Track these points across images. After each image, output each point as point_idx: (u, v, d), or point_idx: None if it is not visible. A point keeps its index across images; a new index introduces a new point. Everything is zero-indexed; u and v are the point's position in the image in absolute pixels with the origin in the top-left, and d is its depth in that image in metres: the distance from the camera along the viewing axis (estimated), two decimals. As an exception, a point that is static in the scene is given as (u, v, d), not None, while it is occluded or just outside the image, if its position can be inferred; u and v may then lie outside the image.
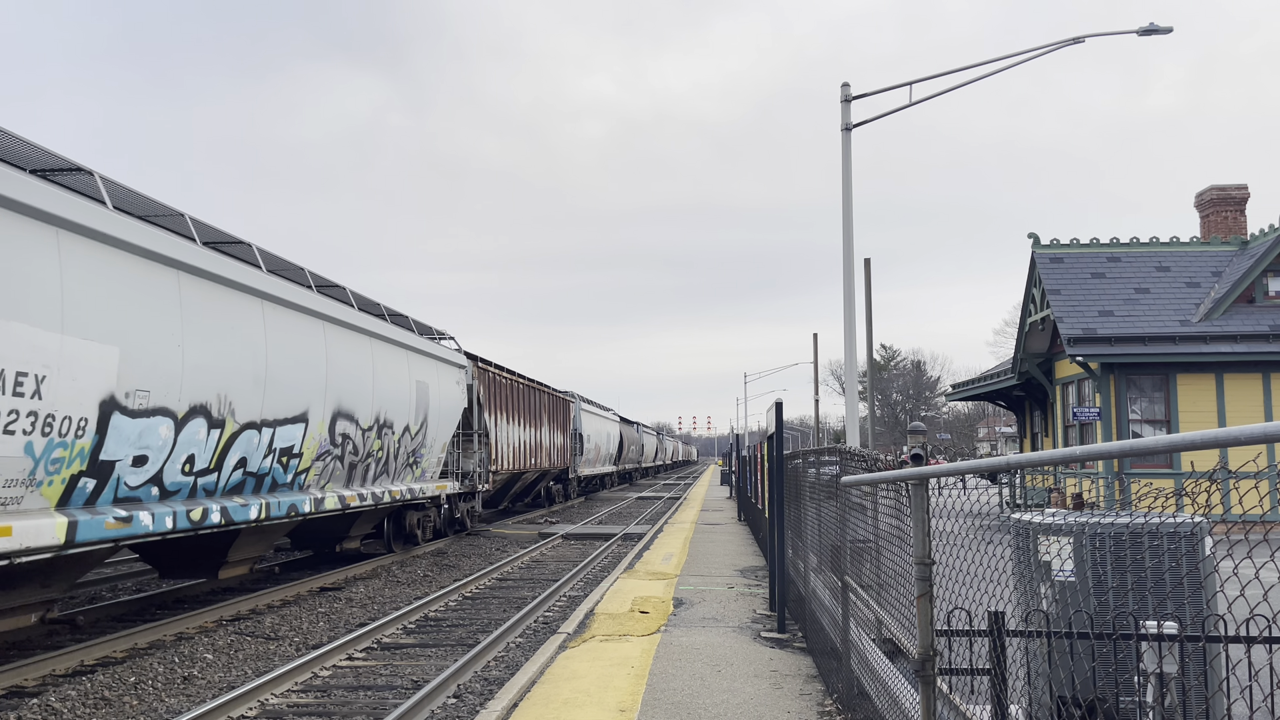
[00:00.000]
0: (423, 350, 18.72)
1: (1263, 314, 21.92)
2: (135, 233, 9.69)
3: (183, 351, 10.45)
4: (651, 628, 10.44)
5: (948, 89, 16.27)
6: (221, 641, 10.84)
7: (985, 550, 4.24)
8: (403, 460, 17.80)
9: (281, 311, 12.82)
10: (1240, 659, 3.09)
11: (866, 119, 16.37)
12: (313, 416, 13.72)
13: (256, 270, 12.42)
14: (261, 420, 12.27)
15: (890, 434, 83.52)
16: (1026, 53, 15.86)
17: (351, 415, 15.13)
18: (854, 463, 6.30)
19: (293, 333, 13.12)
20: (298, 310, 13.32)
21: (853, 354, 16.39)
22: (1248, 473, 2.50)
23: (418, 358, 18.37)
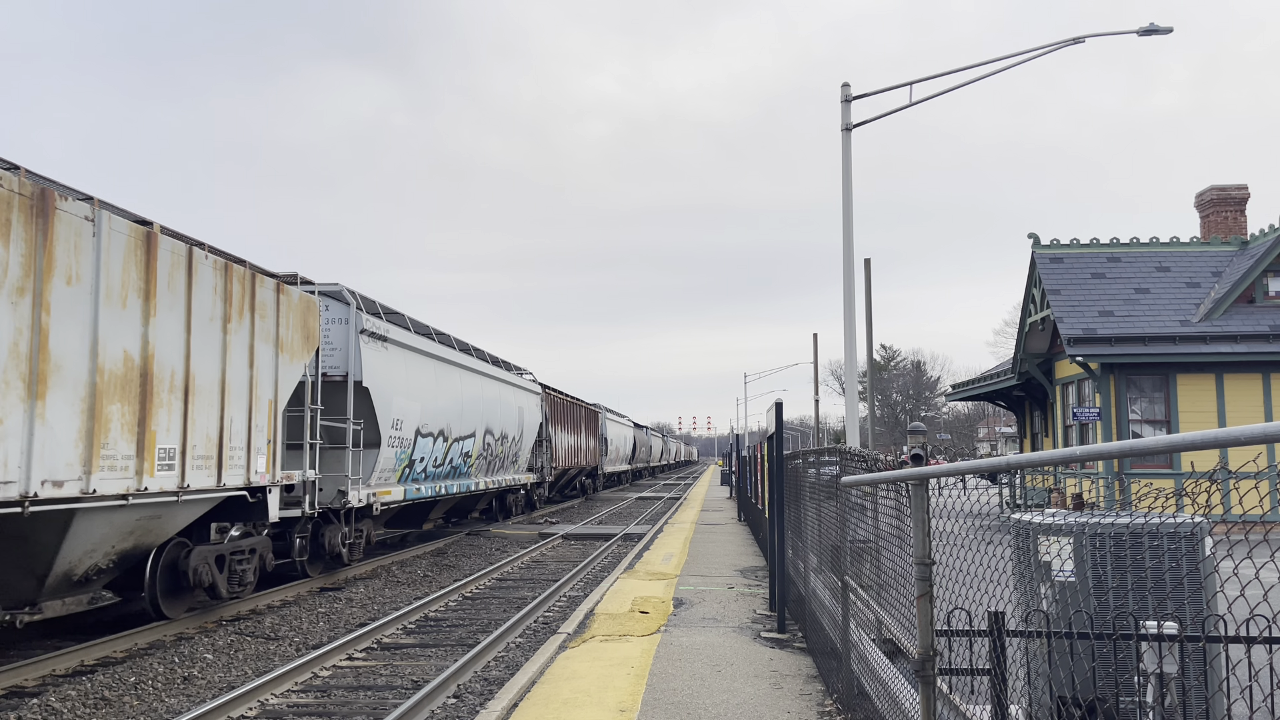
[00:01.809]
0: (518, 385, 27.37)
1: (1263, 314, 21.92)
2: (420, 343, 18.63)
3: (436, 402, 19.28)
4: (651, 628, 10.44)
5: (948, 89, 16.27)
6: (221, 641, 10.84)
7: (985, 550, 4.24)
8: (509, 459, 26.38)
9: (466, 373, 21.86)
10: (1240, 659, 3.09)
11: (867, 119, 16.37)
12: (477, 433, 22.63)
13: (452, 349, 21.23)
14: (458, 437, 21.02)
15: (890, 434, 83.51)
16: (1027, 53, 15.87)
17: (491, 431, 23.81)
18: (854, 463, 6.30)
19: (470, 385, 22.06)
20: (471, 371, 22.23)
21: (853, 354, 16.39)
22: (1248, 473, 2.50)
23: (517, 390, 27.13)
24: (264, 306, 12.30)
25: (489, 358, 24.90)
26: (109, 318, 9.33)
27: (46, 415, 8.47)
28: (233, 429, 11.55)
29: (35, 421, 8.31)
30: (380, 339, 16.40)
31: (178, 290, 10.48)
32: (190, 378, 10.66)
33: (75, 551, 9.38)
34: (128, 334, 9.63)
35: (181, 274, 10.56)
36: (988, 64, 15.91)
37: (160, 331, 10.12)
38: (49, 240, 8.51)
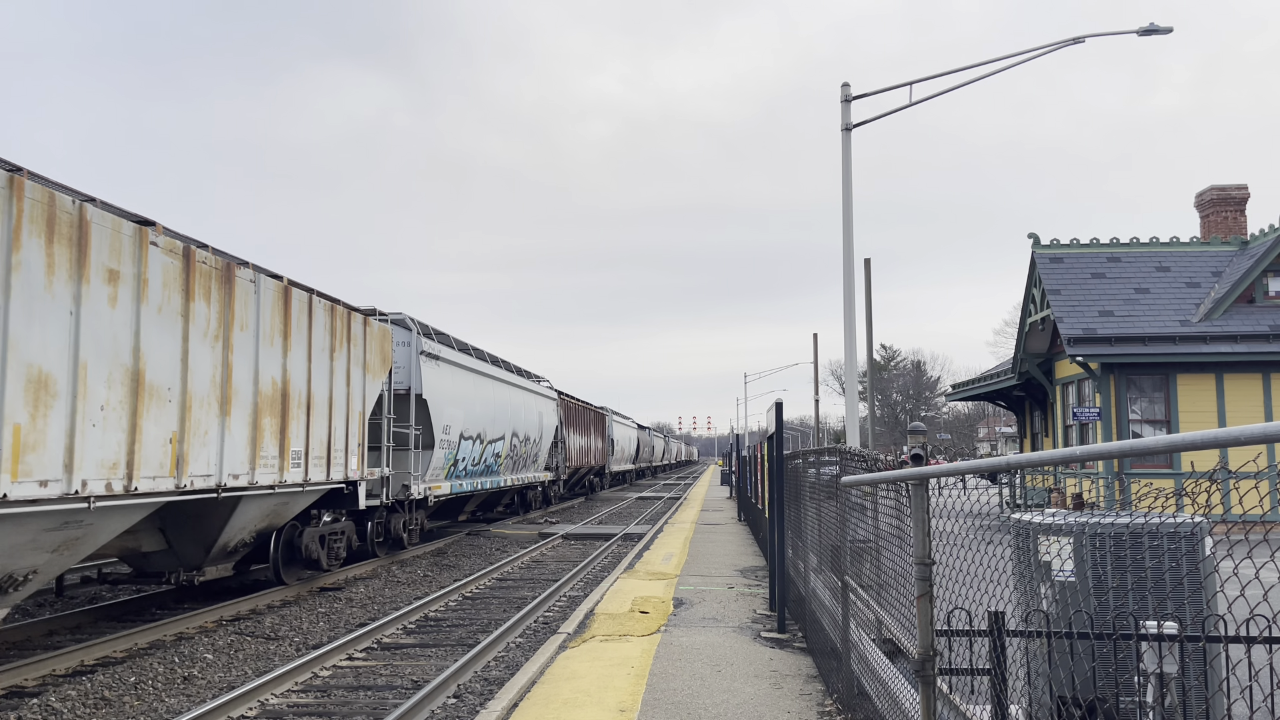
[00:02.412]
0: (538, 392, 30.30)
1: (1263, 314, 21.92)
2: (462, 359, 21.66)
3: (474, 409, 22.33)
4: (651, 628, 10.44)
5: (948, 89, 16.27)
6: (221, 641, 10.84)
7: (985, 550, 4.24)
8: (530, 459, 29.21)
9: (497, 384, 24.83)
10: (1240, 659, 3.09)
11: (866, 119, 16.37)
12: (506, 436, 25.70)
13: (486, 363, 24.27)
14: (490, 439, 23.98)
15: (890, 434, 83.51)
16: (1027, 53, 15.87)
17: (516, 434, 26.74)
18: (854, 463, 6.30)
19: (500, 393, 25.01)
20: (500, 381, 25.22)
21: (853, 354, 16.39)
22: (1248, 473, 2.50)
23: (537, 397, 29.98)
24: (355, 337, 15.06)
25: (514, 368, 27.98)
26: (264, 354, 12.10)
27: (231, 427, 11.27)
28: (335, 435, 14.26)
29: (225, 432, 11.14)
30: (434, 358, 19.61)
31: (302, 329, 13.20)
32: (310, 396, 13.39)
33: (234, 528, 12.22)
34: (274, 365, 12.36)
35: (304, 316, 13.27)
36: (988, 64, 15.92)
37: (293, 362, 12.88)
38: (231, 299, 11.36)
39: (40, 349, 8.26)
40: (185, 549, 12.01)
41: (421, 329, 19.47)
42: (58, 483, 8.43)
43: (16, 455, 7.93)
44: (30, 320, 8.16)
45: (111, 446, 9.16)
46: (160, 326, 9.96)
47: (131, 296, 9.52)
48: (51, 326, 8.40)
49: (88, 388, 8.82)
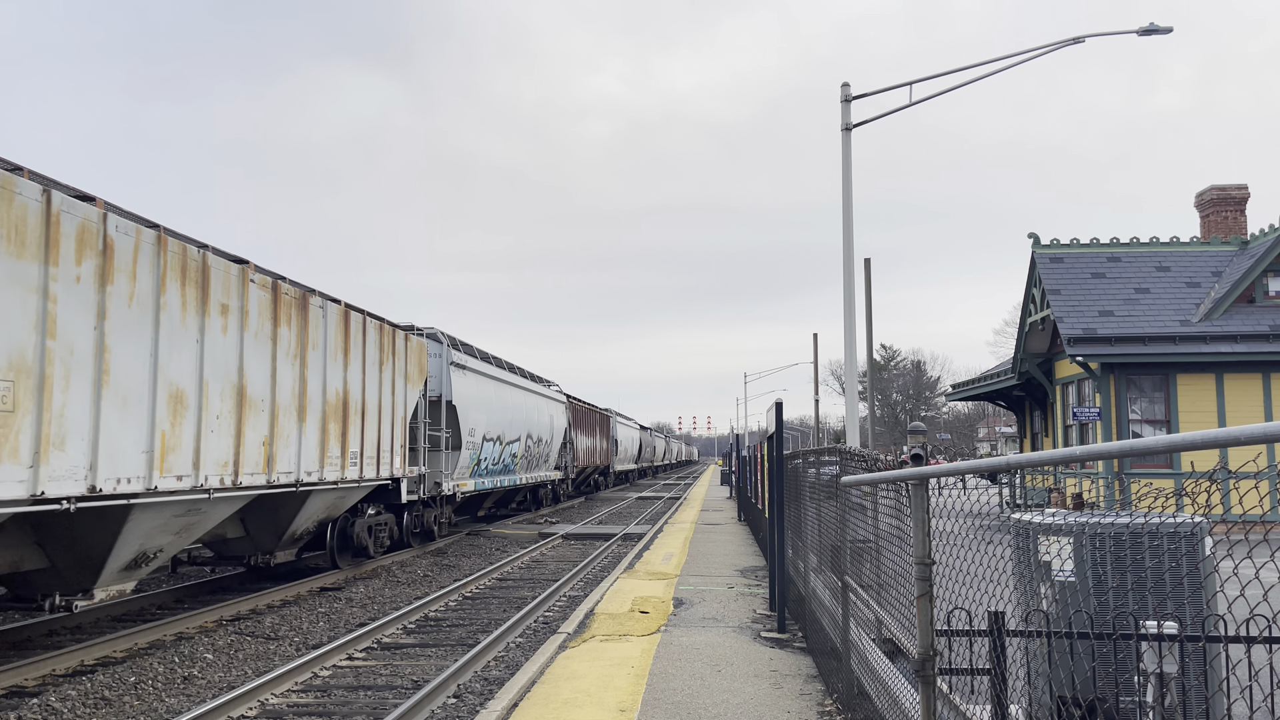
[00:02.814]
0: (549, 396, 32.16)
1: (1263, 314, 21.92)
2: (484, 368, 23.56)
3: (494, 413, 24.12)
4: (651, 628, 10.44)
5: (948, 89, 16.27)
6: (221, 641, 10.84)
7: (985, 550, 4.24)
8: (542, 459, 31.06)
9: (514, 389, 26.74)
10: (1240, 659, 3.08)
11: (866, 119, 16.37)
12: (522, 438, 27.57)
13: (504, 370, 26.09)
14: (508, 441, 25.88)
15: (890, 434, 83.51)
16: (1026, 53, 15.86)
17: (530, 435, 28.73)
18: (854, 463, 6.30)
19: (516, 398, 26.92)
20: (516, 387, 27.06)
21: (853, 354, 16.39)
22: (1248, 473, 2.50)
23: (548, 400, 31.93)
24: (398, 351, 17.06)
25: (528, 374, 30.02)
26: (330, 368, 14.04)
27: (305, 432, 13.17)
28: (383, 437, 16.24)
29: (301, 436, 13.05)
30: (461, 367, 21.81)
31: (358, 346, 15.13)
32: (364, 404, 15.31)
33: (302, 519, 14.06)
34: (337, 378, 14.30)
35: (360, 335, 15.22)
36: (988, 64, 15.92)
37: (351, 375, 14.80)
38: (306, 323, 13.28)
39: (178, 371, 10.26)
40: (261, 536, 13.84)
41: (451, 341, 21.53)
42: (188, 477, 10.45)
43: (163, 455, 9.97)
44: (171, 349, 10.14)
45: (224, 448, 11.18)
46: (256, 349, 11.97)
47: (237, 325, 11.54)
48: (184, 353, 10.43)
49: (208, 401, 10.85)
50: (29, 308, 8.17)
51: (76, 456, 8.76)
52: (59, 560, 9.77)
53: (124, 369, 9.40)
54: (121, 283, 9.39)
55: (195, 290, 10.60)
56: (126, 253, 9.46)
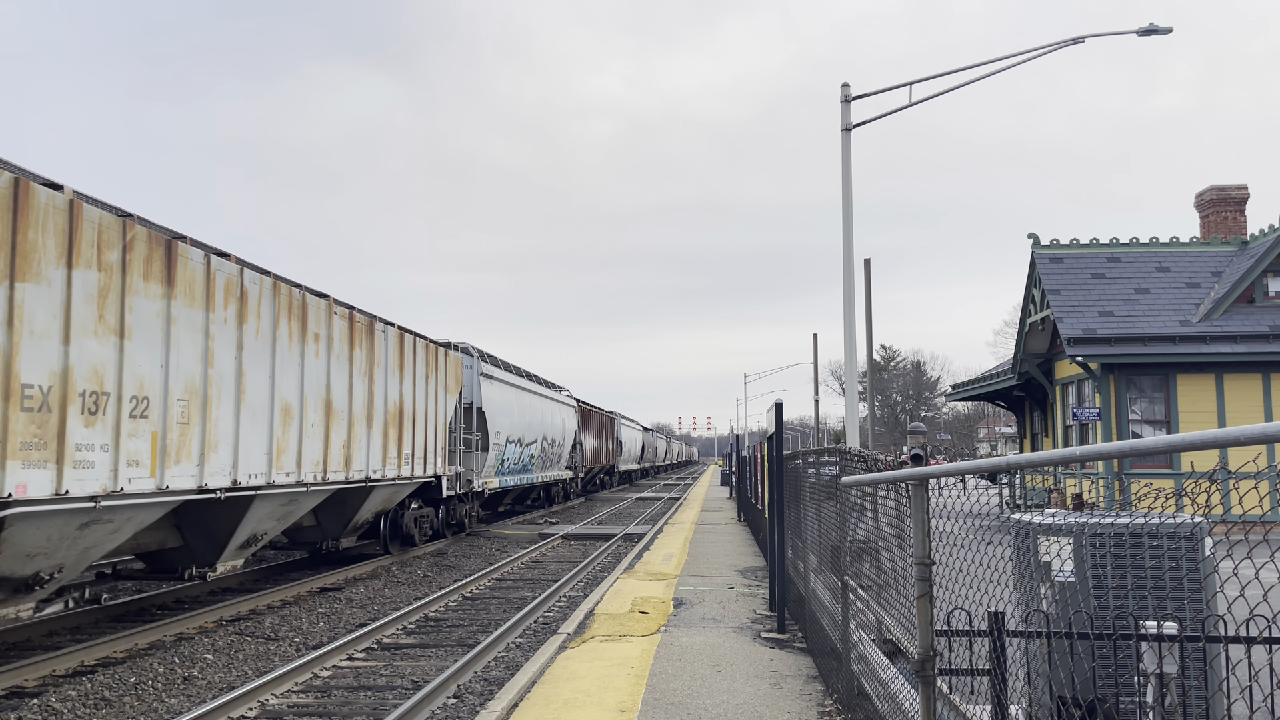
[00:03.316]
0: (561, 401, 34.75)
1: (1263, 314, 21.92)
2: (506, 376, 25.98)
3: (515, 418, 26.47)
4: (651, 628, 10.44)
5: (948, 89, 16.28)
6: (221, 642, 10.84)
7: (985, 550, 4.24)
8: (555, 459, 33.38)
9: (531, 395, 29.39)
10: (1240, 659, 3.09)
11: (866, 119, 16.37)
12: (538, 440, 30.03)
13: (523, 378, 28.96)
14: (527, 443, 28.35)
15: (890, 434, 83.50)
16: (1026, 53, 15.87)
17: (545, 438, 31.17)
18: (854, 463, 6.31)
19: (533, 403, 29.53)
20: (533, 394, 29.75)
21: (853, 354, 16.39)
22: (1248, 473, 2.50)
23: (560, 405, 34.57)
24: (440, 366, 19.51)
25: (543, 381, 32.81)
26: (390, 382, 16.38)
27: (372, 436, 15.53)
28: (428, 440, 18.63)
29: (370, 440, 15.42)
30: (489, 377, 24.47)
31: (410, 363, 17.54)
32: (415, 411, 17.72)
33: (364, 510, 16.29)
34: (395, 390, 16.65)
35: (412, 353, 17.63)
36: (987, 64, 15.92)
37: (405, 387, 17.18)
38: (373, 345, 15.69)
39: (286, 389, 12.63)
40: (329, 525, 15.92)
41: (480, 354, 24.39)
42: (293, 474, 12.78)
43: (277, 456, 12.32)
44: (282, 371, 12.53)
45: (316, 451, 13.52)
46: (338, 369, 14.28)
47: (325, 350, 13.90)
48: (290, 374, 12.77)
49: (306, 413, 13.17)
50: (197, 345, 10.63)
51: (224, 457, 11.14)
52: (191, 540, 12.02)
53: (253, 389, 11.80)
54: (251, 321, 11.83)
55: (298, 323, 13.09)
56: (254, 297, 11.90)
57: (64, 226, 8.61)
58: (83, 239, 8.82)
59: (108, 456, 9.15)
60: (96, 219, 9.05)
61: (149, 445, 9.77)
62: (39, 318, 8.31)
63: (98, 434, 9.00)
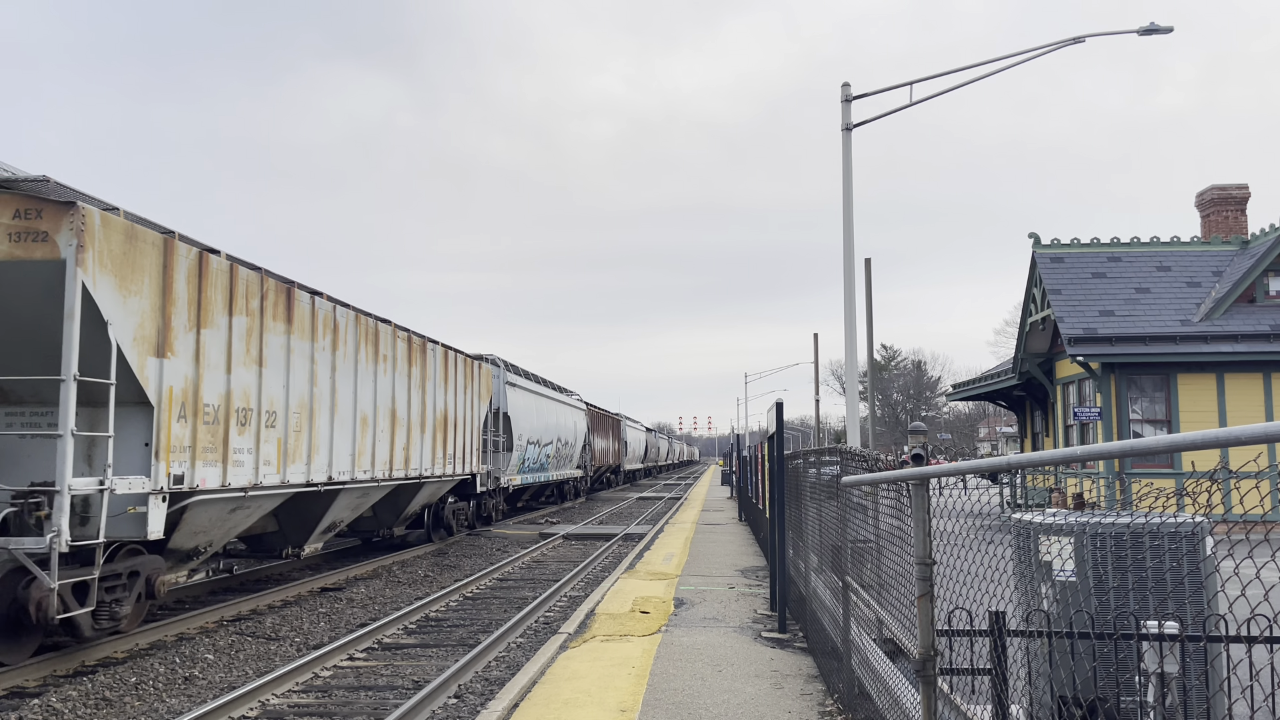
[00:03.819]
0: (572, 404, 37.28)
1: (1263, 314, 21.91)
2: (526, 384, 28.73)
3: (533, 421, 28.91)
4: (652, 628, 10.45)
5: (948, 89, 16.27)
6: (222, 642, 10.84)
7: (986, 550, 4.24)
8: (567, 459, 35.76)
9: (547, 400, 31.77)
10: (1241, 659, 3.08)
11: (867, 119, 16.37)
12: (554, 441, 32.45)
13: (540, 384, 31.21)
14: (544, 444, 30.72)
15: (891, 434, 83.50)
16: (1026, 53, 15.86)
17: (559, 439, 33.54)
18: (854, 463, 6.30)
19: (549, 407, 32.02)
20: (549, 399, 32.07)
21: (853, 354, 16.39)
22: (1248, 473, 2.50)
23: (572, 409, 37.01)
24: (474, 377, 22.25)
25: (557, 386, 35.09)
26: (437, 393, 19.05)
27: (424, 439, 18.12)
28: (466, 443, 21.33)
29: (424, 442, 18.17)
30: (512, 385, 27.01)
31: (452, 376, 20.26)
32: (455, 417, 20.43)
33: (414, 503, 19.09)
34: (441, 400, 19.35)
35: (453, 367, 20.32)
36: (987, 64, 15.92)
37: (448, 397, 19.85)
38: (425, 362, 18.30)
39: (364, 402, 15.25)
40: (384, 516, 18.48)
41: (505, 365, 27.03)
42: (368, 472, 15.34)
43: (357, 457, 14.93)
44: (361, 387, 15.10)
45: (384, 452, 16.05)
46: (399, 383, 16.83)
47: (390, 367, 16.41)
48: (367, 389, 15.35)
49: (377, 421, 15.78)
50: (305, 369, 13.19)
51: (322, 458, 13.72)
52: (286, 526, 14.60)
53: (342, 402, 14.40)
54: (341, 347, 14.42)
55: (372, 347, 15.61)
56: (343, 328, 14.50)
57: (226, 284, 11.24)
58: (238, 292, 11.43)
59: (251, 458, 11.76)
60: (245, 276, 11.61)
61: (276, 449, 12.38)
62: (212, 354, 10.91)
63: (246, 440, 11.64)
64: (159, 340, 10.00)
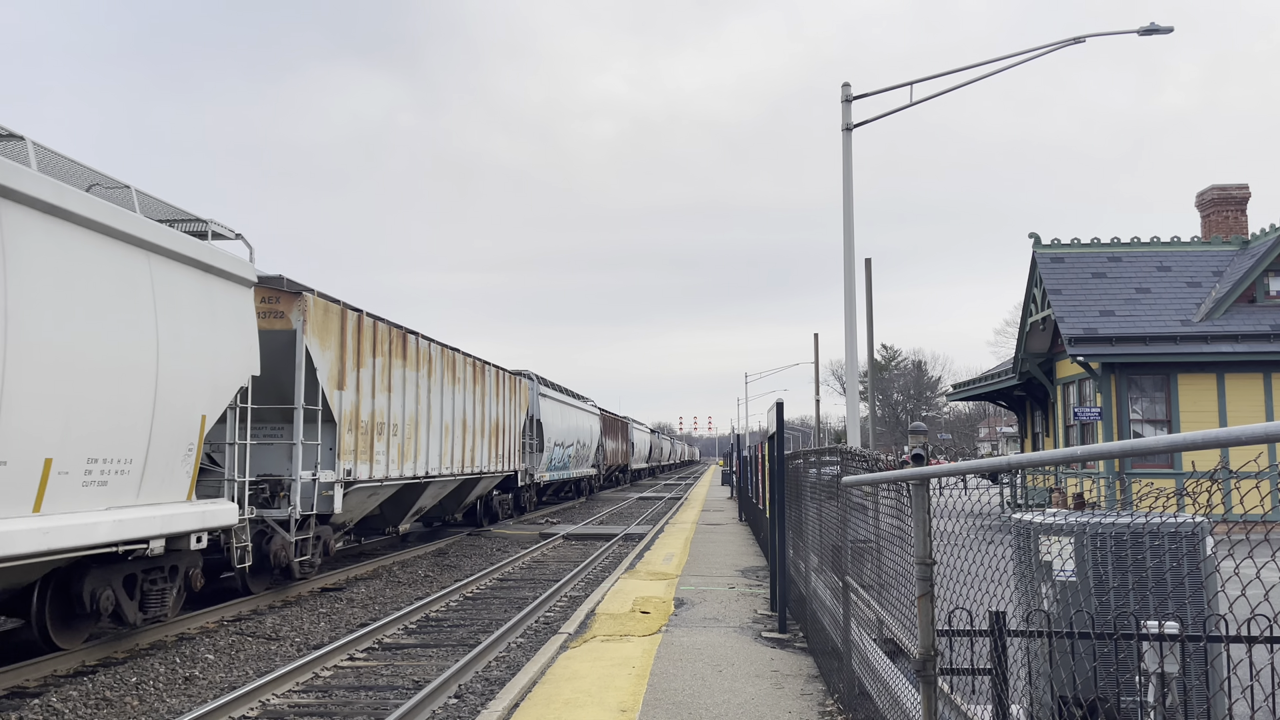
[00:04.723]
0: (588, 410, 41.04)
1: (1264, 314, 21.91)
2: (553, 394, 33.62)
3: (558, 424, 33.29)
4: (652, 628, 10.45)
5: (948, 89, 16.27)
6: (223, 642, 10.85)
7: (986, 550, 4.24)
8: (583, 459, 39.58)
9: (569, 407, 35.83)
10: (1241, 659, 3.08)
11: (867, 119, 16.37)
12: (574, 443, 36.43)
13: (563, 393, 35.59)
14: (567, 445, 34.94)
15: (891, 434, 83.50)
16: (1026, 53, 15.86)
17: (578, 441, 37.70)
18: (855, 463, 6.30)
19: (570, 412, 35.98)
20: (570, 406, 36.11)
21: (853, 354, 16.39)
22: (1249, 473, 2.50)
23: (588, 414, 40.79)
24: (516, 390, 27.15)
25: (575, 394, 39.77)
26: (490, 405, 23.57)
27: (483, 442, 22.50)
28: (510, 445, 25.98)
29: (483, 445, 22.56)
30: (544, 396, 31.37)
31: (501, 391, 24.98)
32: (503, 424, 25.09)
33: (472, 495, 23.75)
34: (494, 411, 23.97)
35: (502, 384, 25.12)
36: (988, 64, 15.92)
37: (498, 408, 24.56)
38: (484, 380, 22.98)
39: (445, 415, 19.82)
40: (448, 505, 22.88)
41: (538, 379, 31.33)
42: (448, 468, 19.89)
43: (442, 456, 19.41)
44: (443, 403, 19.65)
45: (458, 453, 20.71)
46: (467, 398, 21.47)
47: (462, 387, 21.20)
48: (448, 405, 19.98)
49: (454, 429, 20.41)
50: (412, 393, 17.78)
51: (422, 458, 18.33)
52: (386, 511, 18.49)
53: (433, 416, 19.05)
54: (433, 374, 19.14)
55: (450, 372, 20.32)
56: (434, 359, 19.22)
57: (371, 335, 15.88)
58: (378, 340, 16.21)
59: (384, 458, 16.30)
60: (381, 328, 16.33)
61: (398, 452, 17.04)
62: (364, 385, 15.47)
63: (381, 446, 16.18)
64: (339, 377, 14.59)
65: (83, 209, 8.55)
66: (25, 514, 7.94)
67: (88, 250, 8.68)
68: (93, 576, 9.67)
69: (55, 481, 8.26)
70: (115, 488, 9.17)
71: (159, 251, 9.80)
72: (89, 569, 9.63)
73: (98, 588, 9.75)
